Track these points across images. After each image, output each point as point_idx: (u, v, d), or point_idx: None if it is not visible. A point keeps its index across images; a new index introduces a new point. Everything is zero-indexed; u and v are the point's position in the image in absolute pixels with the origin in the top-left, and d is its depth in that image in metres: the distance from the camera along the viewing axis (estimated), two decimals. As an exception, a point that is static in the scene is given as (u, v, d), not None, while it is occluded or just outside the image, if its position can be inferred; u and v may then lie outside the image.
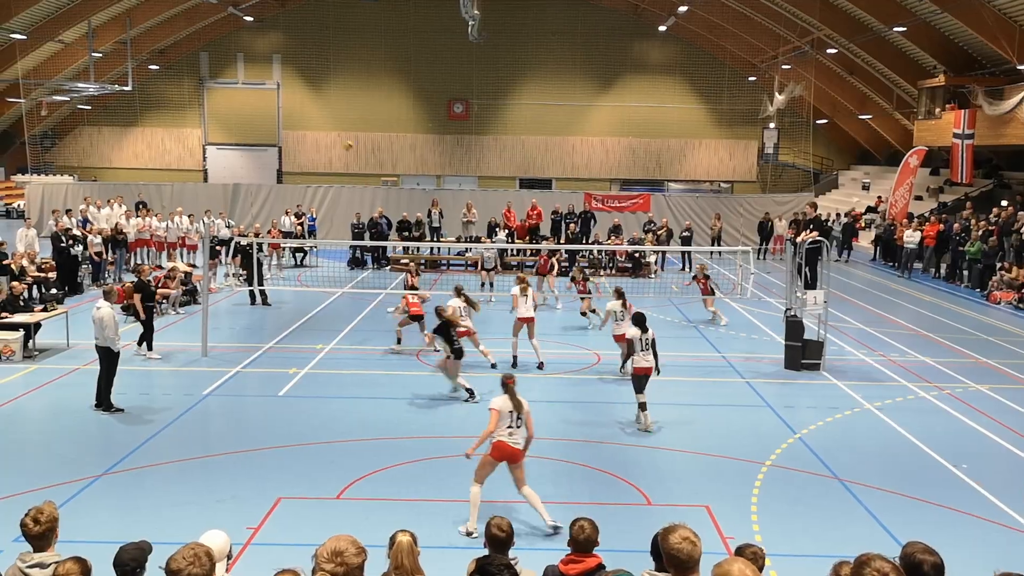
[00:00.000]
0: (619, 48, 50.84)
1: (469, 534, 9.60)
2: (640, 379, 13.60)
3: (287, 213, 33.00)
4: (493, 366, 16.64)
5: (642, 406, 13.55)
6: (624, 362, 16.22)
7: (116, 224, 28.20)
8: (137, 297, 17.34)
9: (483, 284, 25.37)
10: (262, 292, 23.28)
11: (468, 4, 36.34)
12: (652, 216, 34.01)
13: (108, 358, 13.92)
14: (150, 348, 17.52)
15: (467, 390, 14.89)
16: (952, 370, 17.67)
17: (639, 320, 13.84)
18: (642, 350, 13.57)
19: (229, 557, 5.88)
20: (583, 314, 21.66)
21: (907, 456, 12.71)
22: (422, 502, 10.62)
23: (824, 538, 9.75)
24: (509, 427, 10.00)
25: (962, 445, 13.17)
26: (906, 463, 12.42)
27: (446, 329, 15.00)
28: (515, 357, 17.31)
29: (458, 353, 14.91)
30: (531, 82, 51.34)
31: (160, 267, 25.79)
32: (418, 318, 18.17)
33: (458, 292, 16.77)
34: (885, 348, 19.59)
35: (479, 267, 26.11)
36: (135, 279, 18.09)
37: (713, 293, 22.17)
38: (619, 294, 16.91)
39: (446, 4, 41.39)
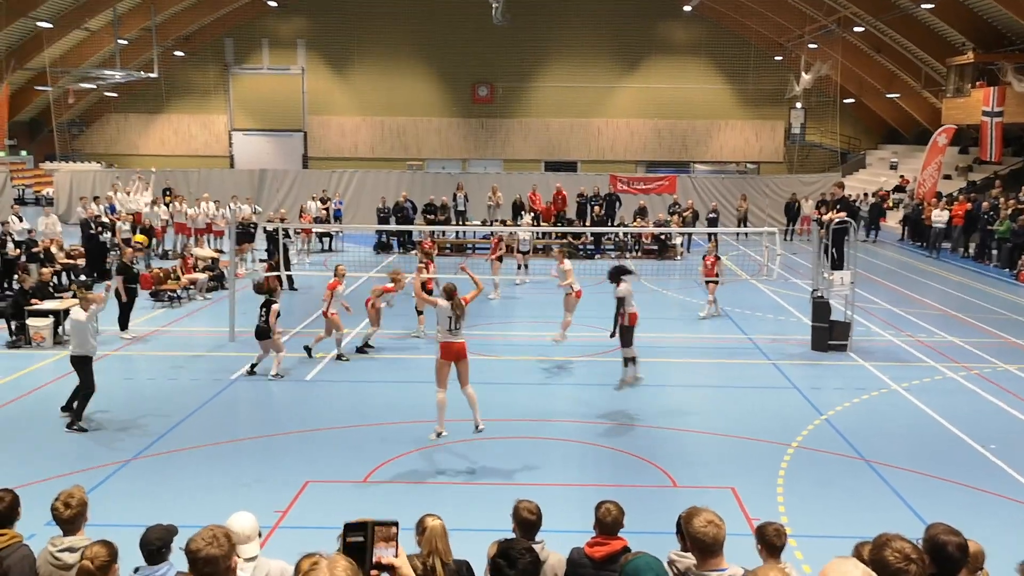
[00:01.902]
0: (644, 29, 50.44)
1: (439, 435, 11.98)
2: (632, 330, 14.15)
3: (313, 198, 33.12)
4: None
5: (634, 360, 14.00)
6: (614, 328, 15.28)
7: (142, 215, 28.46)
8: (119, 279, 17.75)
9: (519, 267, 25.31)
10: (288, 277, 23.42)
11: (491, -14, 36.22)
12: (677, 198, 33.85)
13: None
14: (124, 328, 17.85)
15: None
16: (980, 350, 17.51)
17: (624, 271, 14.16)
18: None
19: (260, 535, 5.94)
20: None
21: (935, 437, 12.63)
22: (447, 485, 10.69)
23: (851, 519, 9.71)
24: (450, 329, 11.93)
25: (990, 425, 13.07)
26: (934, 444, 12.34)
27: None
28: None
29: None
30: (555, 64, 51.10)
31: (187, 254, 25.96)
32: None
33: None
34: (913, 328, 19.44)
35: (515, 250, 25.79)
36: (118, 262, 18.64)
37: (718, 280, 21.36)
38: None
39: (469, -13, 41.23)
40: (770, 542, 5.97)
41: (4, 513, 5.72)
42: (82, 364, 12.67)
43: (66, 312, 17.94)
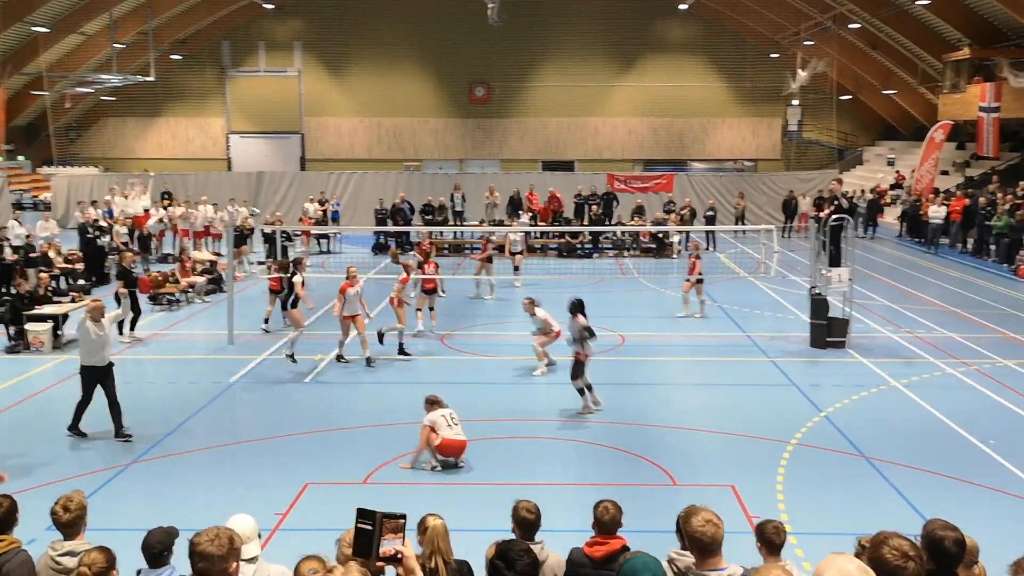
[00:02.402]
0: (640, 27, 50.46)
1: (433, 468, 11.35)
2: (584, 365, 13.47)
3: (311, 200, 33.09)
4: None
5: (589, 387, 13.44)
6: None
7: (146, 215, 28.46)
8: (120, 284, 17.65)
9: (516, 268, 24.56)
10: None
11: (487, -13, 36.22)
12: (672, 197, 33.83)
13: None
14: (132, 329, 17.96)
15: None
16: (979, 345, 17.53)
17: (581, 306, 13.64)
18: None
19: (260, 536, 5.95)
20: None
21: (934, 433, 12.64)
22: (446, 486, 10.70)
23: (851, 516, 9.71)
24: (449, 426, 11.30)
25: (990, 421, 13.08)
26: (933, 440, 12.35)
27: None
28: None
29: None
30: (552, 64, 51.10)
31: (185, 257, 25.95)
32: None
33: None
34: (911, 324, 19.46)
35: (506, 251, 25.14)
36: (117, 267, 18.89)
37: (701, 280, 20.72)
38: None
39: (465, -13, 41.22)
40: (769, 540, 5.98)
41: (2, 518, 5.70)
42: (97, 374, 12.33)
43: (64, 316, 18.01)
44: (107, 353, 12.42)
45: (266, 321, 19.13)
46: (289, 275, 17.11)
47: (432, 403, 11.46)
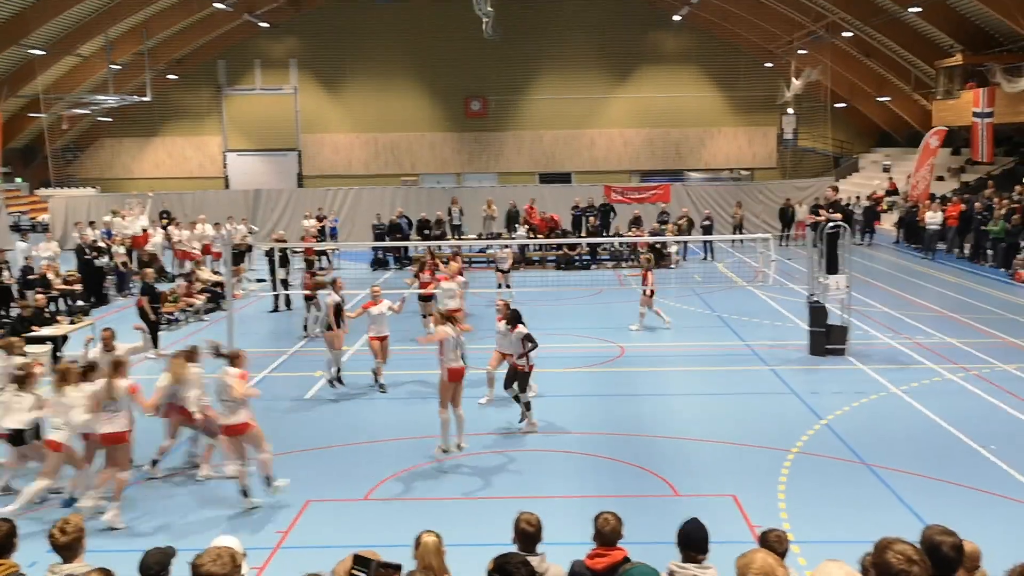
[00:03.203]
0: (634, 39, 50.64)
1: (445, 451, 11.97)
2: (528, 376, 13.35)
3: (307, 216, 33.06)
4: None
5: (528, 406, 13.22)
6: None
7: (145, 235, 28.47)
8: (144, 300, 18.13)
9: (499, 285, 23.54)
10: (286, 297, 23.40)
11: (481, 1, 36.34)
12: (665, 208, 33.85)
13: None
14: (156, 346, 17.97)
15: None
16: (979, 351, 17.53)
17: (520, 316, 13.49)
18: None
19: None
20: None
21: (935, 439, 12.64)
22: (447, 501, 10.69)
23: (853, 524, 9.71)
24: (455, 352, 12.04)
25: (990, 426, 13.07)
26: (934, 446, 12.35)
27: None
28: None
29: None
30: (547, 76, 51.27)
31: (184, 276, 26.00)
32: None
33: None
34: (910, 331, 19.46)
35: (495, 267, 24.59)
36: (141, 284, 19.35)
37: (652, 294, 20.51)
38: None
39: (459, 2, 41.38)
40: (772, 549, 5.97)
41: (1, 542, 5.68)
42: None
43: (64, 338, 18.00)
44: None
45: (305, 328, 20.04)
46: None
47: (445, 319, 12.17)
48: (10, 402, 10.75)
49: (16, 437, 10.80)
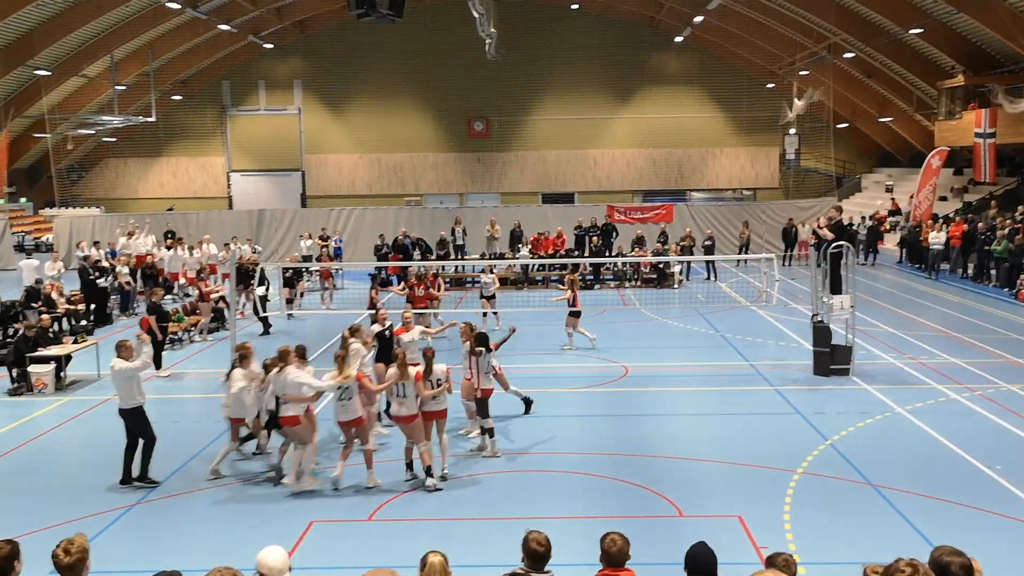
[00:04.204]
0: (636, 60, 50.91)
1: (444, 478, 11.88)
2: (487, 402, 13.20)
3: (306, 237, 32.97)
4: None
5: (491, 432, 13.09)
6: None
7: (148, 256, 28.47)
8: (152, 319, 17.90)
9: (484, 314, 22.17)
10: (263, 319, 23.19)
11: (485, 22, 36.54)
12: (664, 228, 33.88)
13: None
14: (159, 367, 17.88)
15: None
16: (983, 370, 17.50)
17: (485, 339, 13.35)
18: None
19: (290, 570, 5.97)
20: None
21: (940, 459, 12.60)
22: (452, 522, 10.65)
23: (859, 545, 9.67)
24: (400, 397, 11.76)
25: (996, 446, 13.03)
26: (939, 466, 12.31)
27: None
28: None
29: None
30: (550, 97, 51.50)
31: (188, 295, 26.02)
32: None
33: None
34: (914, 351, 19.44)
35: (480, 293, 23.61)
36: (147, 303, 19.24)
37: (579, 314, 20.07)
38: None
39: (463, 23, 41.64)
40: (779, 572, 5.94)
41: (1, 565, 5.50)
42: (134, 416, 12.13)
43: (68, 358, 18.02)
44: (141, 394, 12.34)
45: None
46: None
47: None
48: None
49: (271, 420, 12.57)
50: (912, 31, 33.95)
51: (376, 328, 15.29)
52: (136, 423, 12.11)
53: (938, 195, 37.52)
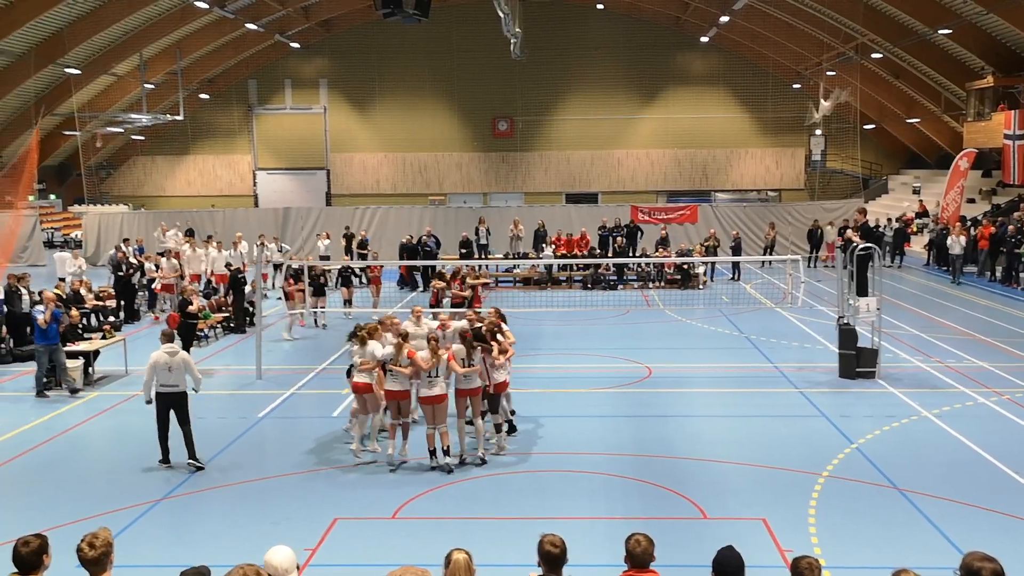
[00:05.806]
0: (661, 60, 50.83)
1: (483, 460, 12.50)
2: (499, 397, 13.18)
3: (324, 236, 32.94)
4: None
5: (502, 427, 13.14)
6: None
7: (177, 253, 28.72)
8: (179, 315, 19.04)
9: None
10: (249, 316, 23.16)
11: (510, 22, 36.56)
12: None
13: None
14: None
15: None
16: (1011, 374, 17.33)
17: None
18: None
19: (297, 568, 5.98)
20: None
21: (967, 463, 12.48)
22: (476, 520, 10.67)
23: (884, 549, 9.60)
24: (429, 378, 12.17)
25: (1024, 451, 12.91)
26: (966, 471, 12.20)
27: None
28: None
29: None
30: (575, 97, 51.48)
31: (216, 291, 26.16)
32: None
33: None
34: (941, 354, 19.28)
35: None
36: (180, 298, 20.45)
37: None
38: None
39: (488, 23, 41.71)
40: None
41: (29, 559, 5.58)
42: (184, 400, 12.80)
43: (96, 353, 18.19)
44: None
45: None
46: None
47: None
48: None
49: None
50: (941, 31, 33.67)
51: (464, 324, 14.22)
52: (184, 407, 12.78)
53: (966, 197, 37.18)
